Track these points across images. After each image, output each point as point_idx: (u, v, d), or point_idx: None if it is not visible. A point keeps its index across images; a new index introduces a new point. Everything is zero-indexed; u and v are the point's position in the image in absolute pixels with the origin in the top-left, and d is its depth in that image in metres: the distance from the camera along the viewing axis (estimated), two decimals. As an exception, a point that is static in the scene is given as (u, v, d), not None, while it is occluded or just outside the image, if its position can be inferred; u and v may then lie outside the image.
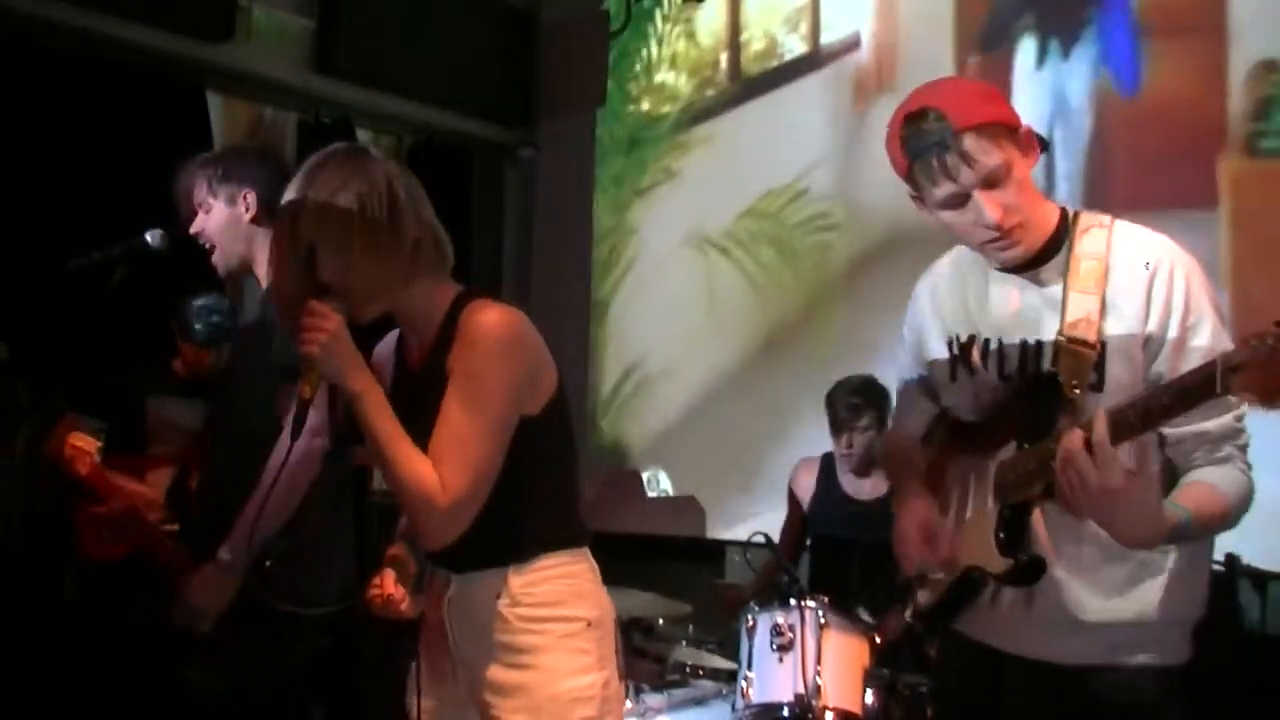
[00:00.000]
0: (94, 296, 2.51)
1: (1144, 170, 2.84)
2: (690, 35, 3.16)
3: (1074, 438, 1.60)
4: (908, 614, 2.04)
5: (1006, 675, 1.88)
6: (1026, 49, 2.94)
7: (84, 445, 2.71)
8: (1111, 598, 1.78)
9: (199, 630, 2.35)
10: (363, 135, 5.24)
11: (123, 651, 2.89)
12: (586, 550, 1.90)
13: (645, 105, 3.35)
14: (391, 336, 1.99)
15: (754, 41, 3.05)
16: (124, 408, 3.42)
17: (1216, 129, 2.78)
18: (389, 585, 1.86)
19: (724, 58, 3.01)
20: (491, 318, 1.76)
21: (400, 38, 4.89)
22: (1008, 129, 1.78)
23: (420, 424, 1.74)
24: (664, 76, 3.25)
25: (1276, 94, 2.69)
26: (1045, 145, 1.85)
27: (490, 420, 1.74)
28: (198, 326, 3.47)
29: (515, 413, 1.77)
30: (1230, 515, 1.72)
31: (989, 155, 1.75)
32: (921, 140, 1.76)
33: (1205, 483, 1.72)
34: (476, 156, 5.58)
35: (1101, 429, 1.57)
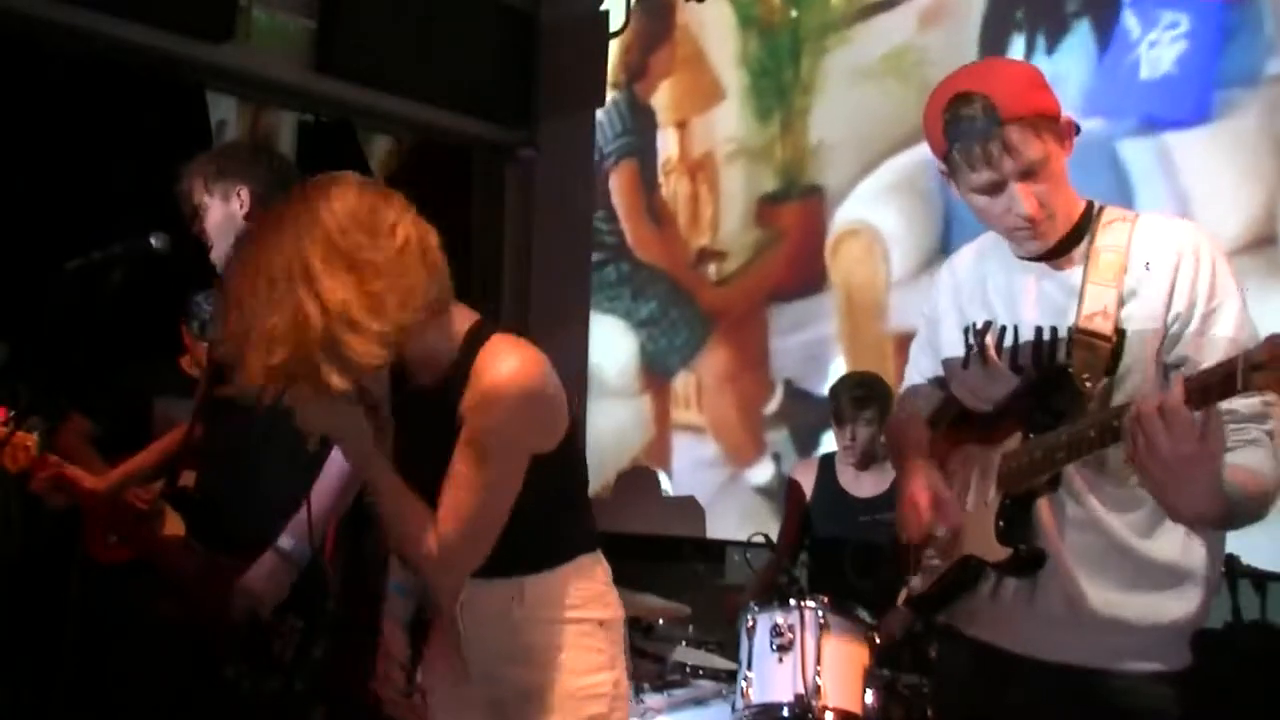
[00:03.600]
0: (95, 297, 2.51)
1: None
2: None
3: (1148, 400, 1.53)
4: (901, 600, 2.03)
5: (1010, 675, 1.86)
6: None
7: (16, 440, 2.68)
8: (1114, 593, 1.77)
9: (258, 616, 2.34)
10: (363, 135, 5.24)
11: (128, 652, 2.89)
12: (599, 553, 1.89)
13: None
14: None
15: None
16: (129, 408, 3.42)
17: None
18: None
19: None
20: (509, 374, 1.65)
21: (400, 38, 4.87)
22: (1050, 120, 1.77)
23: (434, 443, 1.71)
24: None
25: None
26: (1078, 130, 1.84)
27: (497, 473, 1.69)
28: (203, 319, 3.46)
29: (525, 461, 1.71)
30: (1268, 500, 1.68)
31: (1031, 148, 1.74)
32: (965, 125, 1.75)
33: (1244, 467, 1.66)
34: (476, 156, 5.58)
35: (1178, 393, 1.50)
